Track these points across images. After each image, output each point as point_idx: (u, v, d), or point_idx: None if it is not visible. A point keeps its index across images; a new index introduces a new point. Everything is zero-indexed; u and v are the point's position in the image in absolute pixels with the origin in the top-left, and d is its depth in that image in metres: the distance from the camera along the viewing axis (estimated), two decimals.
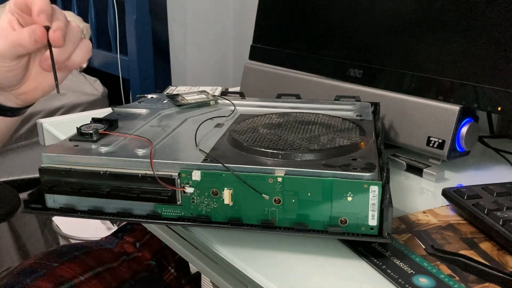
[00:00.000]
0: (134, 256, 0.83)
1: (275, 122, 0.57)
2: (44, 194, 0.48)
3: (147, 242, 0.87)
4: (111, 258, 0.78)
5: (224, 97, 0.70)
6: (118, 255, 0.80)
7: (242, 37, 1.42)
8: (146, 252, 0.85)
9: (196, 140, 0.51)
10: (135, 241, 0.86)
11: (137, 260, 0.83)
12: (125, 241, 0.86)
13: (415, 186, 0.61)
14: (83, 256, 0.73)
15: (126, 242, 0.86)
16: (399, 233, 0.49)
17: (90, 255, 0.75)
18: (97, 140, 0.51)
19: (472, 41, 0.61)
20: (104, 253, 0.78)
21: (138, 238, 0.87)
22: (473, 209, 0.49)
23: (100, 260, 0.75)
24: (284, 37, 0.87)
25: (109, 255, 0.78)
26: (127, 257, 0.81)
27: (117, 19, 1.70)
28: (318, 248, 0.46)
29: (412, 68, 0.67)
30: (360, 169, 0.43)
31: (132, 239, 0.87)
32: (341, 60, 0.76)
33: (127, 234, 0.88)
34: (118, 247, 0.83)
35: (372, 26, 0.73)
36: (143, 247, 0.86)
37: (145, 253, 0.85)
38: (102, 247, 0.80)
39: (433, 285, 0.41)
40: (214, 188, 0.45)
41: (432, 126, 0.63)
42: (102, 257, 0.76)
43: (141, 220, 0.47)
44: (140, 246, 0.86)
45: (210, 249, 0.47)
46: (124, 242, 0.85)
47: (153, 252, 0.86)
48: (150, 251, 0.86)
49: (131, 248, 0.84)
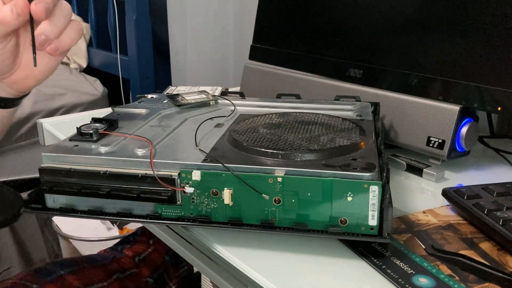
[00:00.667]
0: (130, 273, 0.79)
1: (275, 122, 0.57)
2: (44, 194, 0.48)
3: (148, 257, 0.84)
4: (101, 277, 0.74)
5: (224, 97, 0.70)
6: (111, 273, 0.77)
7: (242, 37, 1.42)
8: (145, 269, 0.82)
9: (196, 140, 0.51)
10: (134, 255, 0.83)
11: (133, 278, 0.79)
12: (123, 256, 0.82)
13: (415, 186, 0.61)
14: (69, 276, 0.70)
15: (125, 256, 0.82)
16: (399, 233, 0.49)
17: (78, 274, 0.72)
18: (97, 140, 0.51)
19: (472, 41, 0.61)
20: (95, 271, 0.74)
21: (139, 251, 0.84)
22: (473, 209, 0.49)
23: (87, 280, 0.72)
24: (284, 37, 0.87)
25: (100, 273, 0.75)
26: (121, 275, 0.78)
27: (117, 19, 1.70)
28: (318, 248, 0.46)
29: (412, 68, 0.67)
30: (360, 169, 0.43)
31: (131, 253, 0.83)
32: (341, 60, 0.76)
33: (128, 247, 0.85)
34: (114, 263, 0.80)
35: (372, 26, 0.73)
36: (143, 262, 0.83)
37: (143, 269, 0.82)
38: (95, 263, 0.77)
39: (433, 285, 0.41)
40: (214, 188, 0.45)
41: (432, 126, 0.63)
42: (90, 276, 0.73)
43: (141, 220, 0.47)
44: (140, 261, 0.82)
45: (210, 249, 0.47)
46: (122, 257, 0.82)
47: (154, 267, 0.83)
48: (150, 266, 0.83)
49: (129, 264, 0.81)
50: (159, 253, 0.85)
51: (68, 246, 1.36)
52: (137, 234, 0.89)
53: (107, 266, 0.78)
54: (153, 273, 0.83)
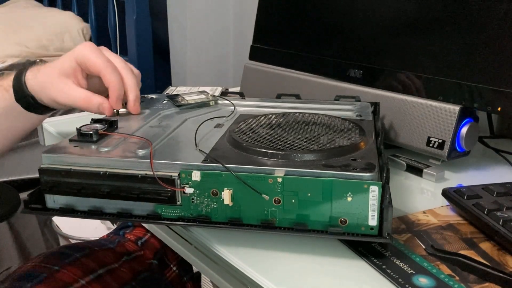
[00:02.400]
0: (135, 256, 0.82)
1: (275, 122, 0.57)
2: (44, 194, 0.48)
3: (148, 240, 0.87)
4: (112, 259, 0.77)
5: (224, 97, 0.70)
6: (119, 255, 0.79)
7: (242, 37, 1.42)
8: (148, 251, 0.85)
9: (196, 140, 0.51)
10: (136, 239, 0.86)
11: (138, 260, 0.82)
12: (126, 239, 0.85)
13: (415, 186, 0.61)
14: (84, 258, 0.73)
15: (127, 240, 0.85)
16: (399, 233, 0.49)
17: (91, 256, 0.74)
18: (97, 141, 0.51)
19: (472, 41, 0.61)
20: (105, 253, 0.77)
21: (140, 235, 0.87)
22: (473, 209, 0.49)
23: (101, 261, 0.74)
24: (284, 37, 0.87)
25: (110, 255, 0.78)
26: (128, 257, 0.81)
27: (117, 19, 1.71)
28: (318, 248, 0.46)
29: (412, 68, 0.66)
30: (360, 169, 0.43)
31: (133, 236, 0.86)
32: (341, 60, 0.76)
33: (129, 231, 0.87)
34: (120, 246, 0.83)
35: (372, 26, 0.73)
36: (145, 246, 0.85)
37: (146, 252, 0.85)
38: (103, 247, 0.80)
39: (433, 285, 0.41)
40: (214, 189, 0.45)
41: (432, 126, 0.63)
42: (103, 258, 0.76)
43: (141, 220, 0.47)
44: (142, 245, 0.85)
45: (210, 249, 0.47)
46: (125, 241, 0.85)
47: (155, 250, 0.86)
48: (152, 249, 0.86)
49: (133, 247, 0.84)
50: (156, 238, 0.87)
51: None
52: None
53: (115, 249, 0.81)
54: (155, 255, 0.85)
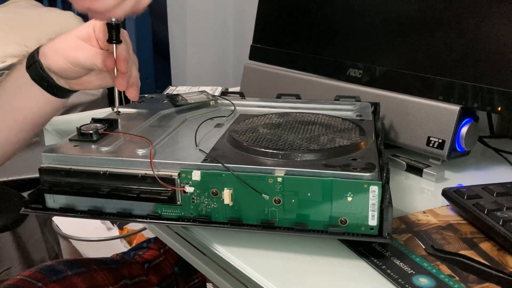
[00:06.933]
0: (137, 281, 0.79)
1: (275, 122, 0.57)
2: (44, 194, 0.48)
3: (158, 265, 0.83)
4: (109, 281, 0.74)
5: (224, 97, 0.70)
6: (118, 278, 0.76)
7: (242, 37, 1.42)
8: (153, 277, 0.81)
9: (196, 140, 0.51)
10: (144, 262, 0.82)
11: (140, 285, 0.78)
12: (134, 261, 0.82)
13: (415, 186, 0.61)
14: (75, 277, 0.70)
15: (135, 262, 0.81)
16: (399, 233, 0.49)
17: (83, 276, 0.71)
18: (97, 140, 0.51)
19: (472, 41, 0.61)
20: (102, 275, 0.74)
21: (149, 259, 0.83)
22: (473, 209, 0.49)
23: (93, 283, 0.71)
24: (284, 37, 0.87)
25: (108, 277, 0.74)
26: (130, 281, 0.77)
27: None
28: (318, 248, 0.46)
29: (412, 68, 0.66)
30: (360, 169, 0.43)
31: (142, 259, 0.83)
32: (341, 60, 0.76)
33: (141, 253, 0.84)
34: (124, 268, 0.79)
35: (372, 26, 0.73)
36: (152, 270, 0.82)
37: (152, 277, 0.81)
38: (104, 266, 0.76)
39: (433, 285, 0.41)
40: (214, 188, 0.45)
41: (432, 126, 0.63)
42: (97, 279, 0.72)
43: (141, 220, 0.47)
44: (149, 269, 0.82)
45: (210, 249, 0.47)
46: (132, 263, 0.81)
47: (163, 276, 0.82)
48: (160, 275, 0.82)
49: (138, 271, 0.80)
50: (169, 263, 0.84)
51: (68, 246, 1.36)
52: (150, 241, 0.89)
53: (116, 271, 0.77)
54: (162, 282, 0.82)
